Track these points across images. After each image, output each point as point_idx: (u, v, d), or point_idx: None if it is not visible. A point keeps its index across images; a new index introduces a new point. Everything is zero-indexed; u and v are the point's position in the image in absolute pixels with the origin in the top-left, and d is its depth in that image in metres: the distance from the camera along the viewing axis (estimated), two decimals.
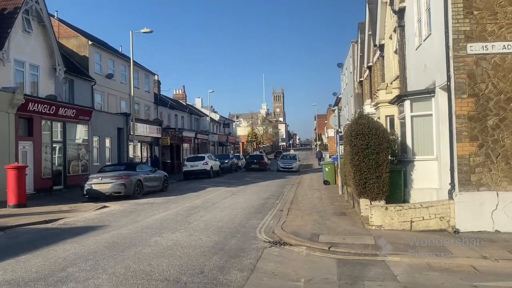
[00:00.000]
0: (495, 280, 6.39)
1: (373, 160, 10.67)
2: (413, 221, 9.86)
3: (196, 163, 30.39)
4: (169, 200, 16.87)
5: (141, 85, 37.76)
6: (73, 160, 23.19)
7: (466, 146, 9.62)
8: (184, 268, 6.77)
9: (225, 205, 15.06)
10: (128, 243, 8.70)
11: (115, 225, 11.09)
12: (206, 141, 51.31)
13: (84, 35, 31.03)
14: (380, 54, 20.77)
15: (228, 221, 11.53)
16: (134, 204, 15.68)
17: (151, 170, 20.11)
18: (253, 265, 7.06)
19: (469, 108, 9.63)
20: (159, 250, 8.06)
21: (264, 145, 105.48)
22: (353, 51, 32.44)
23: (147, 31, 24.93)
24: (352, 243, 8.69)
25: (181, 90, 60.66)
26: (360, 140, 10.72)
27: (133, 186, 17.36)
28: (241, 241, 9.02)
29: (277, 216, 12.41)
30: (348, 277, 6.53)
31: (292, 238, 9.24)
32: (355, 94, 31.77)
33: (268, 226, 10.84)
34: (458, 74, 9.68)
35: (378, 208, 10.08)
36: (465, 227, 9.50)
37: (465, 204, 9.55)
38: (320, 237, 9.24)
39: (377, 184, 10.74)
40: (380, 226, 9.95)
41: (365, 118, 11.45)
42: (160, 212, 13.41)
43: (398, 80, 16.41)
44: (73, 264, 7.01)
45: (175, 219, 11.83)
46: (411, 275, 6.63)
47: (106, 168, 19.79)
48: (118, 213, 13.40)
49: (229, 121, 76.34)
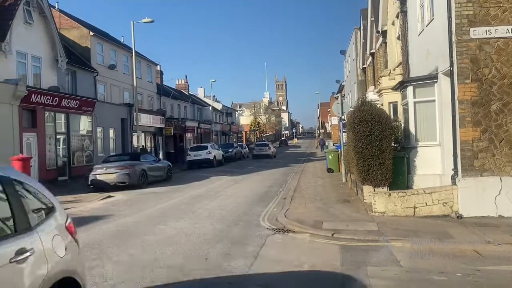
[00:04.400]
0: (498, 264, 6.41)
1: (376, 146, 10.65)
2: (416, 207, 9.87)
3: (199, 153, 30.50)
4: (173, 189, 16.98)
5: (144, 75, 37.70)
6: (78, 151, 23.32)
7: (469, 131, 9.58)
8: (188, 256, 6.84)
9: (228, 194, 15.14)
10: (133, 232, 8.79)
11: (120, 214, 11.19)
12: (209, 130, 51.34)
13: (85, 26, 30.92)
14: (383, 41, 20.61)
15: (231, 209, 11.60)
16: (139, 193, 15.80)
17: (155, 159, 20.24)
18: (257, 252, 7.12)
19: (472, 93, 9.56)
20: (164, 238, 8.14)
21: (267, 134, 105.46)
22: (355, 38, 32.21)
23: (148, 21, 24.82)
24: (355, 230, 8.73)
25: (183, 80, 60.48)
26: (363, 126, 10.70)
27: (138, 175, 17.47)
28: (244, 228, 9.09)
29: (280, 204, 12.47)
30: (351, 262, 6.57)
31: (295, 225, 9.29)
32: (358, 81, 31.61)
33: (272, 214, 10.89)
34: (461, 59, 9.60)
35: (381, 195, 10.09)
36: (468, 213, 9.51)
37: (468, 190, 9.54)
38: (324, 224, 9.29)
39: (380, 171, 10.74)
40: (383, 212, 9.98)
41: (367, 104, 11.41)
42: (165, 201, 13.51)
43: (401, 67, 16.30)
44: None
45: (179, 208, 11.92)
46: (413, 260, 6.66)
47: (110, 158, 19.90)
48: (123, 203, 13.51)
49: (231, 110, 76.27)
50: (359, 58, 30.89)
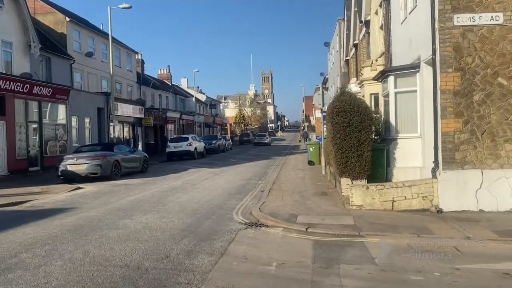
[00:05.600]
0: (477, 261, 6.04)
1: (355, 138, 10.24)
2: (395, 201, 9.50)
3: (180, 144, 29.78)
4: (147, 181, 16.35)
5: (123, 64, 36.72)
6: (51, 141, 22.43)
7: (451, 122, 9.22)
8: (149, 253, 6.30)
9: (205, 186, 14.60)
10: (94, 226, 8.20)
11: (85, 207, 10.57)
12: (191, 122, 50.56)
13: (61, 11, 29.81)
14: (366, 31, 20.22)
15: (205, 203, 11.07)
16: (111, 185, 15.14)
17: (130, 150, 19.52)
18: (224, 249, 6.63)
19: (454, 83, 9.19)
20: (126, 233, 7.58)
21: (252, 126, 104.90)
22: (339, 29, 31.76)
23: (126, 7, 23.93)
24: (330, 224, 8.31)
25: (166, 70, 59.33)
26: (342, 117, 10.26)
27: (110, 166, 16.77)
28: (215, 223, 8.58)
29: (257, 197, 12.00)
30: (324, 260, 6.13)
31: (269, 219, 8.82)
32: (342, 73, 31.24)
33: (247, 207, 10.41)
34: (444, 47, 9.20)
35: (359, 188, 9.69)
36: (449, 207, 9.18)
37: (449, 183, 9.20)
38: (298, 218, 8.84)
39: (359, 163, 10.34)
40: (360, 206, 9.58)
41: (347, 94, 10.97)
42: (136, 193, 12.90)
43: (383, 57, 15.93)
44: (28, 250, 6.49)
45: (150, 201, 11.34)
46: (390, 257, 6.25)
47: (82, 148, 19.11)
48: (91, 195, 12.86)
49: (216, 102, 75.41)
50: (343, 49, 30.48)
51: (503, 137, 9.09)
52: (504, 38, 9.03)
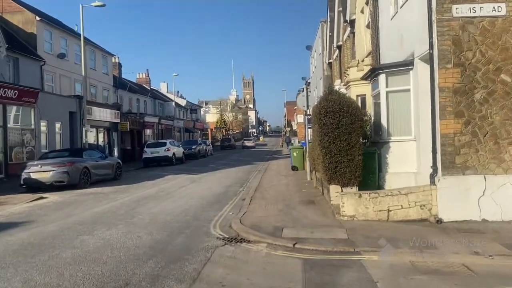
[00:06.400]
0: (497, 284, 5.14)
1: (345, 141, 9.32)
2: (391, 210, 8.58)
3: (157, 150, 28.46)
4: (119, 189, 15.09)
5: (98, 66, 35.24)
6: (16, 147, 20.89)
7: (450, 123, 8.37)
8: (105, 280, 5.18)
9: (181, 195, 13.47)
10: (47, 245, 7.01)
11: (43, 220, 9.33)
12: (171, 127, 49.13)
13: (31, 10, 28.27)
14: (351, 31, 19.47)
15: (179, 213, 9.96)
16: (78, 194, 13.85)
17: (102, 156, 18.17)
18: (197, 272, 5.55)
19: (454, 80, 8.35)
20: (82, 253, 6.42)
21: (234, 131, 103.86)
22: (322, 31, 31.07)
23: (99, 5, 22.67)
24: (321, 238, 7.32)
25: (144, 74, 57.71)
26: (330, 118, 9.33)
27: (79, 174, 15.45)
28: (189, 238, 7.49)
29: (238, 206, 10.95)
30: (316, 285, 5.13)
31: (251, 233, 7.78)
32: (324, 76, 30.51)
33: (226, 219, 9.36)
34: (442, 41, 8.37)
35: (351, 196, 8.74)
36: (449, 216, 8.31)
37: (448, 190, 8.34)
38: (284, 231, 7.82)
39: (349, 168, 9.41)
40: (353, 216, 8.63)
41: (335, 93, 10.05)
42: (104, 204, 11.68)
43: (370, 57, 15.13)
44: None
45: (117, 213, 10.15)
46: (394, 280, 5.29)
47: (49, 154, 17.69)
48: (54, 206, 11.58)
49: (196, 106, 74.03)
50: (326, 52, 29.78)
51: (507, 139, 8.29)
52: (507, 31, 8.26)
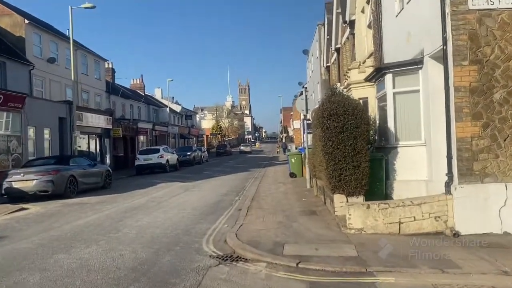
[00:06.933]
0: None
1: (350, 146, 8.53)
2: (402, 222, 7.77)
3: (150, 156, 27.54)
4: (107, 199, 14.18)
5: (90, 71, 34.34)
6: (2, 154, 19.91)
7: (467, 126, 7.60)
8: None
9: (173, 205, 12.60)
10: (15, 266, 6.13)
11: (18, 235, 8.43)
12: (165, 133, 48.19)
13: (19, 13, 27.37)
14: (350, 32, 18.75)
15: (169, 227, 9.10)
16: (62, 205, 12.94)
17: (90, 164, 17.25)
18: None
19: (471, 78, 7.59)
20: (52, 277, 5.55)
21: (230, 138, 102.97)
22: (319, 34, 30.40)
23: (89, 6, 21.86)
24: (327, 256, 6.49)
25: (139, 79, 56.87)
26: (334, 121, 8.54)
27: (64, 183, 14.53)
28: (178, 257, 6.63)
29: (234, 217, 10.11)
30: None
31: (248, 250, 6.93)
32: (322, 80, 29.80)
33: (220, 232, 8.51)
34: (458, 35, 7.61)
35: (358, 207, 7.92)
36: (467, 229, 7.50)
37: (466, 200, 7.54)
38: (286, 248, 6.98)
39: (355, 176, 8.61)
40: (360, 229, 7.81)
41: (339, 95, 9.28)
42: (88, 215, 10.78)
43: (372, 58, 14.39)
44: None
45: (101, 226, 9.26)
46: None
47: (33, 162, 16.77)
48: (33, 218, 10.68)
49: (191, 112, 73.16)
50: (323, 55, 29.08)
51: None
52: None
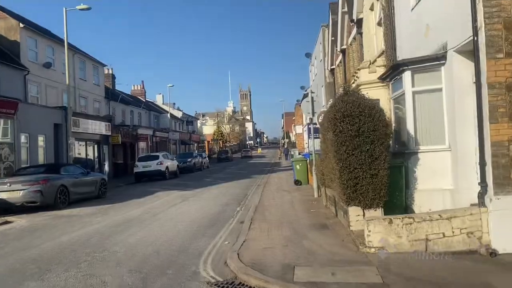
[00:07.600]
0: None
1: (367, 152, 7.54)
2: (429, 240, 6.75)
3: (149, 163, 26.61)
4: (99, 210, 13.19)
5: (89, 77, 33.51)
6: None
7: (503, 128, 6.59)
8: None
9: (170, 216, 11.60)
10: None
11: None
12: (166, 139, 47.29)
13: (14, 17, 26.61)
14: (358, 32, 17.82)
15: (163, 243, 8.10)
16: (50, 217, 11.96)
17: (83, 172, 16.26)
18: None
19: (507, 73, 6.60)
20: None
21: (231, 143, 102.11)
22: (323, 36, 29.48)
23: (84, 8, 21.05)
24: (347, 283, 5.47)
25: (139, 85, 56.20)
26: (349, 124, 7.55)
27: (54, 193, 13.55)
28: (171, 284, 5.62)
29: (235, 231, 9.11)
30: None
31: (252, 275, 5.92)
32: (326, 83, 28.87)
33: (220, 250, 7.52)
34: (491, 24, 6.62)
35: (379, 222, 6.90)
36: (505, 247, 6.47)
37: (504, 213, 6.51)
38: (296, 272, 5.96)
39: (373, 186, 7.62)
40: (382, 247, 6.78)
41: (353, 94, 8.30)
42: (75, 230, 9.78)
43: (384, 57, 13.41)
44: None
45: (87, 243, 8.26)
46: None
47: (22, 171, 15.81)
48: (15, 234, 9.68)
49: (192, 118, 72.35)
50: (327, 58, 28.15)
51: None
52: None
